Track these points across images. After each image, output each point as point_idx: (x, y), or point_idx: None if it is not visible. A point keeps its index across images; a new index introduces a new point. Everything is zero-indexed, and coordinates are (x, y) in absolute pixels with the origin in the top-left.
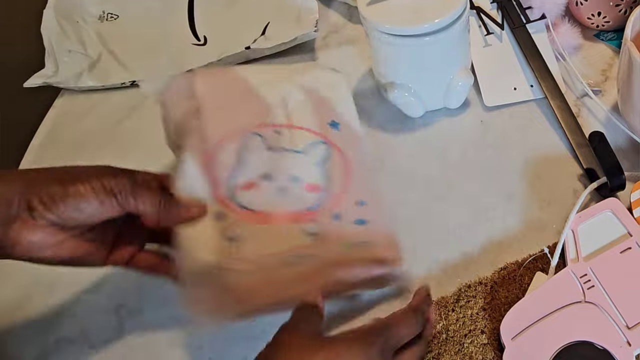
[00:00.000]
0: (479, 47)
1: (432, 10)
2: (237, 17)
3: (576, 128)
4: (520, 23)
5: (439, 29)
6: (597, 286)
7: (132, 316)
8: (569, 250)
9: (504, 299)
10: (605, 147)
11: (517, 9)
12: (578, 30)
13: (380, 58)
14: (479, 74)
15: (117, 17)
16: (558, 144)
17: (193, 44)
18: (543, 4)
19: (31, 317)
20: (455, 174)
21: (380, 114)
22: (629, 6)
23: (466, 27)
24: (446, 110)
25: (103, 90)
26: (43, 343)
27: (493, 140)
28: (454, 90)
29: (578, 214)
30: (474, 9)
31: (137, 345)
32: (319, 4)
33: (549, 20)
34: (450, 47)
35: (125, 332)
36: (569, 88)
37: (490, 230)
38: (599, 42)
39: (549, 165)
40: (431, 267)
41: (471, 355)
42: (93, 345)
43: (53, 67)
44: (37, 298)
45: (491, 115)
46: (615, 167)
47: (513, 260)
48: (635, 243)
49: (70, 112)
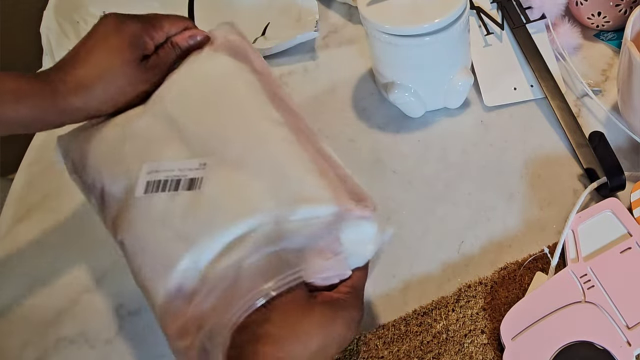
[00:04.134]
0: (479, 47)
1: (432, 10)
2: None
3: (576, 128)
4: (520, 23)
5: (439, 29)
6: (597, 286)
7: (132, 316)
8: (569, 250)
9: (504, 299)
10: (605, 147)
11: (517, 9)
12: (578, 30)
13: (380, 58)
14: (479, 74)
15: None
16: (558, 144)
17: None
18: (543, 4)
19: (31, 317)
20: (455, 174)
21: (380, 114)
22: (629, 6)
23: (466, 27)
24: (446, 110)
25: None
26: (43, 343)
27: (493, 140)
28: (454, 90)
29: (578, 214)
30: (474, 9)
31: (137, 345)
32: (319, 4)
33: (549, 20)
34: (450, 47)
35: (125, 332)
36: (569, 88)
37: (490, 230)
38: (599, 42)
39: (549, 165)
40: (431, 267)
41: (471, 355)
42: (93, 346)
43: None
44: (37, 298)
45: (491, 115)
46: (615, 167)
47: (513, 260)
48: (635, 243)
49: None
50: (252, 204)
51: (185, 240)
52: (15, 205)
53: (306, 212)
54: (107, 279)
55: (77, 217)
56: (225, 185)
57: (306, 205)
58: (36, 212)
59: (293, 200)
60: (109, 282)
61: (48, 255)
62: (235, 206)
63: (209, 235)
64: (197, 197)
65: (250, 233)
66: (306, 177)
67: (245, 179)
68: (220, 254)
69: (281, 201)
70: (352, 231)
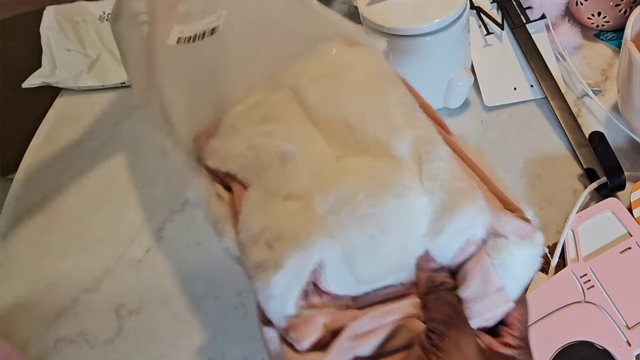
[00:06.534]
0: (479, 47)
1: (432, 10)
2: None
3: (576, 128)
4: (520, 23)
5: (439, 29)
6: (597, 286)
7: (132, 316)
8: (569, 250)
9: None
10: (605, 147)
11: (517, 9)
12: (578, 30)
13: None
14: (479, 74)
15: None
16: (558, 144)
17: None
18: (543, 4)
19: (31, 317)
20: None
21: None
22: (629, 6)
23: (466, 27)
24: (446, 110)
25: (103, 90)
26: (43, 343)
27: (493, 140)
28: (454, 90)
29: (578, 214)
30: (474, 9)
31: (137, 345)
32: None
33: (549, 20)
34: (450, 47)
35: (125, 332)
36: (569, 88)
37: None
38: (599, 42)
39: (549, 165)
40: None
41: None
42: (93, 346)
43: (50, 66)
44: (37, 298)
45: (491, 115)
46: (615, 167)
47: None
48: (635, 243)
49: (70, 112)
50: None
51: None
52: (15, 205)
53: (460, 224)
54: (107, 279)
55: (77, 217)
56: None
57: (460, 214)
58: (36, 212)
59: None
60: (109, 282)
61: (48, 255)
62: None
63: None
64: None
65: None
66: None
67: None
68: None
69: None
70: (511, 252)
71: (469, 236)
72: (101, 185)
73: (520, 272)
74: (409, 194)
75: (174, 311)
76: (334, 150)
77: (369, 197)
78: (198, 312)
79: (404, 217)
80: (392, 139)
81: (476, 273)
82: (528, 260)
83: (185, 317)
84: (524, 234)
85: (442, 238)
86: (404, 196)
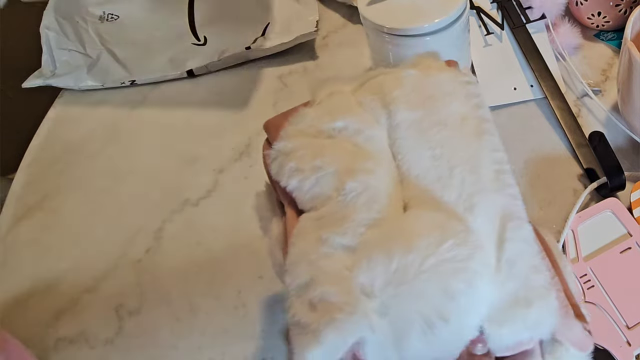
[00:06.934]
0: (479, 47)
1: (432, 10)
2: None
3: (576, 128)
4: (520, 23)
5: (439, 29)
6: (597, 286)
7: (132, 316)
8: (569, 250)
9: None
10: (605, 147)
11: (517, 9)
12: (578, 30)
13: (380, 58)
14: (479, 74)
15: (118, 18)
16: (558, 144)
17: (193, 43)
18: (543, 4)
19: (31, 317)
20: None
21: None
22: (629, 6)
23: (466, 27)
24: None
25: (103, 90)
26: (43, 343)
27: None
28: None
29: (578, 214)
30: (474, 9)
31: (137, 345)
32: (319, 4)
33: (549, 20)
34: (450, 47)
35: (125, 332)
36: (569, 88)
37: None
38: (599, 42)
39: (549, 165)
40: None
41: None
42: (93, 346)
43: (50, 67)
44: (37, 298)
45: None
46: (615, 167)
47: None
48: (635, 243)
49: (71, 112)
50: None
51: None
52: (15, 205)
53: (530, 322)
54: (107, 279)
55: (77, 217)
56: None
57: (532, 313)
58: (36, 212)
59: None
60: (109, 282)
61: (48, 255)
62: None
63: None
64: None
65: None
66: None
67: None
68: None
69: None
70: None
71: (534, 336)
72: (101, 185)
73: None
74: (478, 283)
75: (174, 311)
76: (403, 188)
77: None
78: (198, 312)
79: (468, 308)
80: (474, 200)
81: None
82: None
83: (185, 317)
84: (585, 347)
85: (507, 329)
86: (473, 284)
